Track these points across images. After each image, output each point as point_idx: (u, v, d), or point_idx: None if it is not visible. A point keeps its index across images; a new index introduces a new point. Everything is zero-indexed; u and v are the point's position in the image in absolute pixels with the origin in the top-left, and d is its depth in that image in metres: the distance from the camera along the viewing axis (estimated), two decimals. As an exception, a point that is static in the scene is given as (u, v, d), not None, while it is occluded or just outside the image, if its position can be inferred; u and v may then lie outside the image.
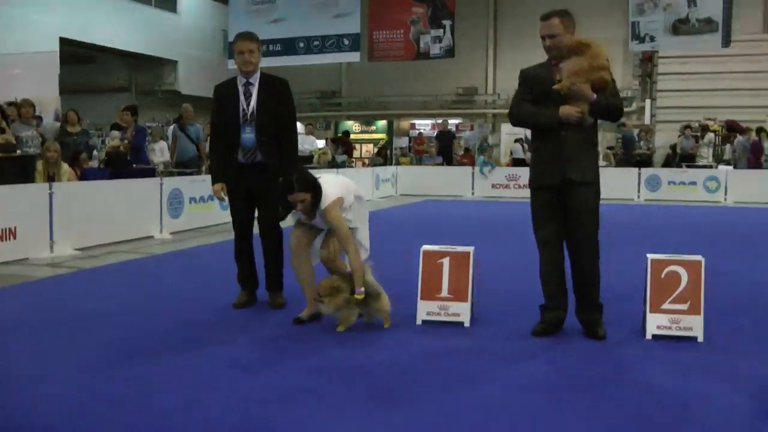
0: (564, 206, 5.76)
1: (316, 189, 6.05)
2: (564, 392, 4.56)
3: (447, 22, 24.04)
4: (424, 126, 31.37)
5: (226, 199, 6.90)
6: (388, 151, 30.40)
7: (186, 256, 10.72)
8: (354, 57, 24.11)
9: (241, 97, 6.77)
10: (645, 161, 23.59)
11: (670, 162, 25.45)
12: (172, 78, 30.18)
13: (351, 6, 23.35)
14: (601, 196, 5.79)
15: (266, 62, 19.28)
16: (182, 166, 15.83)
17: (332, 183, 6.19)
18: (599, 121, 5.91)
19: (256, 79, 6.80)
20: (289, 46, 23.57)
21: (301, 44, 23.48)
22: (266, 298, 6.97)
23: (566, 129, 5.66)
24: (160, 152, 16.81)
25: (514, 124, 6.12)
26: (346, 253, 6.11)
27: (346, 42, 23.36)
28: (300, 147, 11.02)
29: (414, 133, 30.94)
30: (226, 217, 13.31)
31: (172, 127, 17.52)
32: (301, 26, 23.55)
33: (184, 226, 13.19)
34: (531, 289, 6.19)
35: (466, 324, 6.10)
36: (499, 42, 30.40)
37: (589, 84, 5.57)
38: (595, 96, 5.58)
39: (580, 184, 5.69)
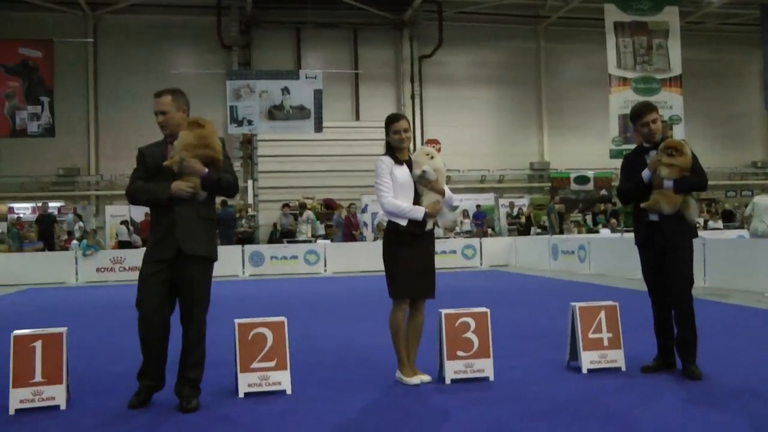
0: (176, 280, 5.78)
1: None
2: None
3: (45, 99, 23.31)
4: (24, 209, 29.72)
5: None
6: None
7: None
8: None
9: None
10: (248, 238, 24.40)
11: (272, 238, 26.52)
12: None
13: (-65, 76, 21.76)
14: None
15: None
16: None
17: None
18: None
19: None
20: None
21: None
22: None
23: (180, 204, 5.74)
24: None
25: (131, 202, 6.06)
26: None
27: (-68, 116, 21.67)
28: None
29: (13, 217, 29.19)
30: None
31: None
32: None
33: None
34: (124, 370, 6.20)
35: (63, 407, 5.89)
36: (100, 122, 29.86)
37: (198, 159, 5.71)
38: (206, 170, 5.72)
39: (194, 258, 5.77)
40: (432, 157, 6.43)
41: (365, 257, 21.95)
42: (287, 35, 30.85)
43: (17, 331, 6.02)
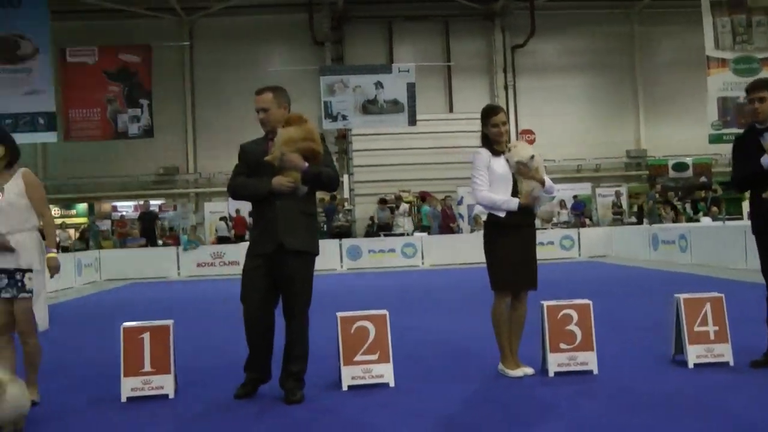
0: (278, 275, 5.84)
1: (11, 144, 6.02)
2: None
3: (144, 102, 23.94)
4: (126, 208, 30.67)
5: None
6: (90, 235, 29.31)
7: None
8: (51, 137, 23.21)
9: None
10: (345, 232, 24.61)
11: (369, 232, 26.67)
12: None
13: (44, 83, 22.50)
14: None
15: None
16: None
17: None
18: None
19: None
20: (-23, 124, 21.90)
21: (-8, 122, 21.91)
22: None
23: (281, 199, 5.79)
24: None
25: (233, 197, 6.21)
26: (43, 216, 6.09)
27: (42, 121, 22.41)
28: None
29: (116, 215, 30.17)
30: None
31: None
32: (-10, 103, 22.14)
33: None
34: (229, 362, 6.34)
35: (171, 396, 6.13)
36: (198, 121, 30.59)
37: (299, 153, 5.74)
38: (306, 165, 5.73)
39: (294, 253, 5.81)
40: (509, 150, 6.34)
41: (463, 249, 21.96)
42: (379, 29, 30.98)
43: (126, 323, 6.27)
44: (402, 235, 24.49)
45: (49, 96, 22.72)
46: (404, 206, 26.23)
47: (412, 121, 26.16)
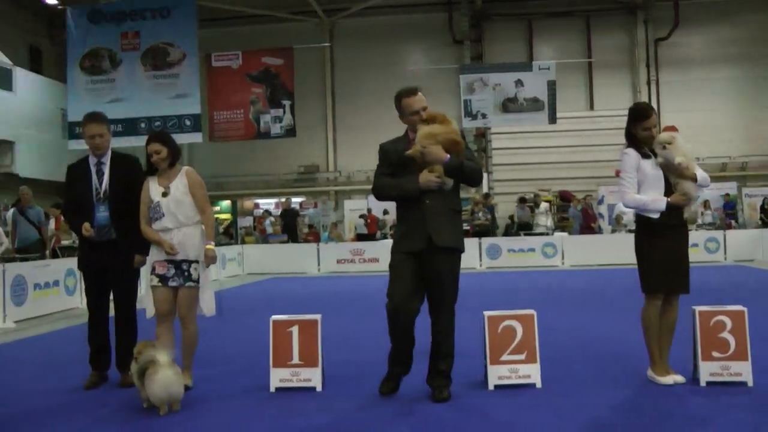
0: (425, 272, 5.87)
1: (172, 145, 6.46)
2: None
3: (286, 102, 24.38)
4: (268, 205, 31.52)
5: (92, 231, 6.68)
6: (234, 231, 30.36)
7: (31, 344, 10.22)
8: (196, 137, 23.95)
9: (93, 177, 6.78)
10: (484, 231, 24.48)
11: (509, 231, 26.47)
12: (8, 160, 28.33)
13: (190, 86, 23.26)
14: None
15: (108, 144, 18.85)
16: (24, 251, 15.21)
17: None
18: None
19: (107, 159, 6.84)
20: (130, 127, 22.66)
21: (143, 124, 22.64)
22: (118, 378, 6.84)
23: (429, 196, 5.82)
24: (-3, 238, 16.14)
25: (379, 199, 6.23)
26: (203, 212, 6.51)
27: (188, 122, 23.15)
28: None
29: (258, 212, 31.08)
30: (72, 302, 13.14)
31: (11, 211, 16.75)
32: (141, 106, 22.93)
33: (28, 314, 12.63)
34: (372, 357, 6.49)
35: (318, 389, 6.28)
36: (338, 121, 31.20)
37: (440, 145, 5.74)
38: (447, 156, 5.74)
39: (443, 250, 5.83)
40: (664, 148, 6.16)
41: (604, 250, 21.52)
42: (518, 27, 30.74)
43: (275, 317, 6.49)
44: (542, 234, 24.17)
45: (195, 99, 23.44)
46: (544, 205, 25.90)
47: (553, 119, 25.75)
